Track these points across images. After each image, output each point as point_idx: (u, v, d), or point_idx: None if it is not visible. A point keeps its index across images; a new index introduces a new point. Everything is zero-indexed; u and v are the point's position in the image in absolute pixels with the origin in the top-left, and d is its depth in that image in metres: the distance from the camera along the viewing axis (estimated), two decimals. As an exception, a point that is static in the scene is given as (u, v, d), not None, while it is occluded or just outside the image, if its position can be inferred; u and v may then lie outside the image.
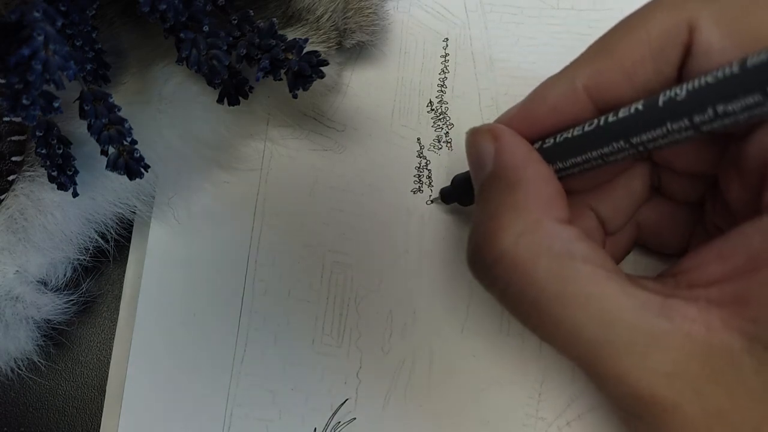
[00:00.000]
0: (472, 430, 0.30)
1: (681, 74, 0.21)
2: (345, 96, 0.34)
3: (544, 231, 0.20)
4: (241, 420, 0.30)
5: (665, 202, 0.27)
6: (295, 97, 0.28)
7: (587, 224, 0.26)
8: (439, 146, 0.33)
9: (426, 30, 0.35)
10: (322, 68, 0.27)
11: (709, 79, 0.18)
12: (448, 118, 0.34)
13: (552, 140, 0.23)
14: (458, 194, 0.30)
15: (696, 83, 0.18)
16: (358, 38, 0.32)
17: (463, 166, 0.28)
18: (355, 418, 0.31)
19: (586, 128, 0.22)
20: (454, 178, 0.30)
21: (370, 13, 0.32)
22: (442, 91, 0.34)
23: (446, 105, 0.34)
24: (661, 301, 0.19)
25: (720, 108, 0.17)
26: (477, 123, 0.33)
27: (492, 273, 0.21)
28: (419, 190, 0.33)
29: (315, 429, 0.31)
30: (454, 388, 0.31)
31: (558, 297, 0.19)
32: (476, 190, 0.24)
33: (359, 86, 0.34)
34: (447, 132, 0.33)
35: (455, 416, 0.30)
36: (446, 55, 0.34)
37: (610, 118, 0.21)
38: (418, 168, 0.33)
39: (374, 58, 0.34)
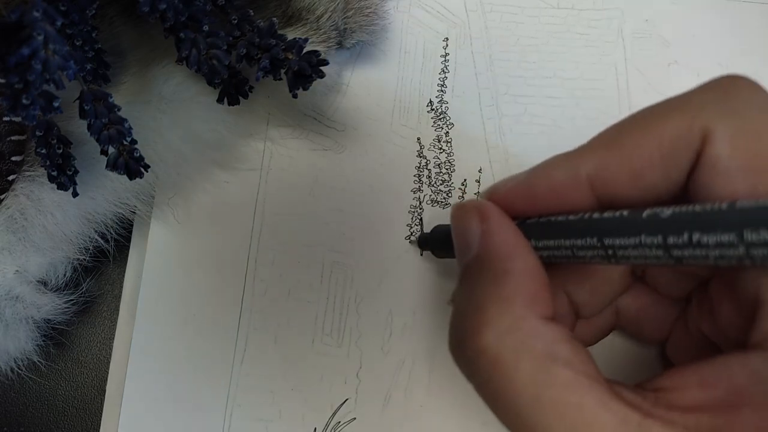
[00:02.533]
0: (472, 431, 0.30)
1: (689, 181, 0.20)
2: (345, 96, 0.34)
3: (527, 330, 0.19)
4: (241, 420, 0.30)
5: (648, 292, 0.27)
6: (295, 97, 0.28)
7: (559, 310, 0.25)
8: (440, 146, 0.33)
9: (426, 29, 0.35)
10: (322, 68, 0.27)
11: (697, 207, 0.18)
12: (448, 118, 0.34)
13: (536, 218, 0.23)
14: (435, 246, 0.30)
15: (684, 208, 0.18)
16: (358, 38, 0.32)
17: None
18: (355, 418, 0.31)
19: (571, 218, 0.21)
20: (434, 228, 0.30)
21: (370, 12, 0.32)
22: (442, 90, 0.34)
23: (446, 104, 0.34)
24: (639, 420, 0.18)
25: (695, 236, 0.17)
26: (477, 123, 0.34)
27: (473, 366, 0.20)
28: (419, 189, 0.33)
29: (315, 429, 0.30)
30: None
31: (535, 402, 0.19)
32: (460, 269, 0.23)
33: (359, 86, 0.34)
34: (447, 132, 0.33)
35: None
36: (446, 54, 0.34)
37: (595, 215, 0.20)
38: (418, 167, 0.33)
39: (374, 58, 0.34)
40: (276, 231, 0.32)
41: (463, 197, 0.33)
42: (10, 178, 0.28)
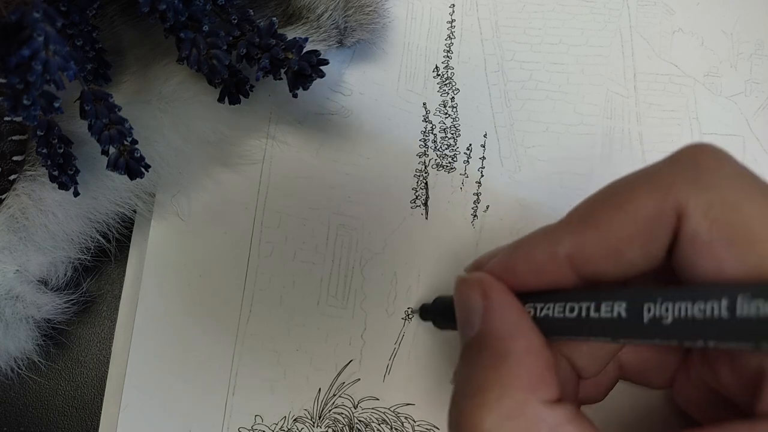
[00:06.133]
0: None
1: (671, 255, 0.20)
2: (351, 61, 0.34)
3: (529, 415, 0.19)
4: (247, 378, 0.31)
5: (649, 345, 0.26)
6: (295, 96, 0.28)
7: (560, 375, 0.24)
8: (445, 111, 0.33)
9: (433, -5, 0.35)
10: (322, 67, 0.27)
11: (696, 312, 0.17)
12: (453, 84, 0.34)
13: (532, 313, 0.22)
14: (436, 317, 0.29)
15: (682, 311, 0.18)
16: (359, 36, 0.32)
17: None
18: (359, 379, 0.31)
19: (567, 314, 0.21)
20: (436, 299, 0.29)
21: (370, 11, 0.32)
22: (448, 56, 0.34)
23: (452, 70, 0.34)
24: None
25: (711, 343, 0.17)
26: (483, 89, 0.34)
27: None
28: (425, 153, 0.33)
29: (319, 389, 0.31)
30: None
31: None
32: (462, 345, 0.22)
33: (365, 51, 0.34)
34: (453, 97, 0.34)
35: None
36: (452, 21, 0.35)
37: (592, 313, 0.20)
38: (424, 132, 0.33)
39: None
40: (282, 193, 0.32)
41: (467, 162, 0.33)
42: (12, 177, 0.28)
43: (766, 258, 0.17)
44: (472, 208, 0.33)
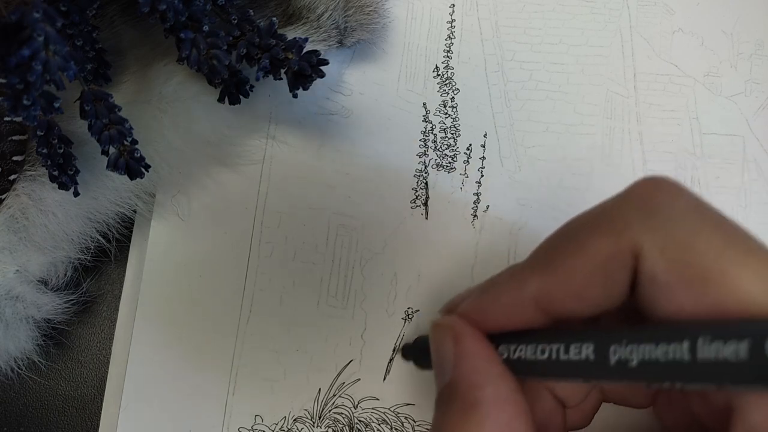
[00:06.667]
0: None
1: (634, 293, 0.20)
2: (351, 61, 0.34)
3: None
4: (247, 378, 0.31)
5: None
6: (295, 96, 0.28)
7: (545, 406, 0.24)
8: (445, 111, 0.34)
9: (433, -5, 0.35)
10: (322, 67, 0.27)
11: (660, 355, 0.17)
12: (453, 84, 0.34)
13: (506, 354, 0.22)
14: (417, 357, 0.29)
15: (646, 354, 0.18)
16: (359, 36, 0.32)
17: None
18: (359, 379, 0.31)
19: (539, 356, 0.21)
20: (416, 339, 0.29)
21: (370, 11, 0.32)
22: (448, 56, 0.34)
23: (452, 70, 0.34)
24: None
25: (678, 385, 0.17)
26: (483, 89, 0.34)
27: None
28: (425, 153, 0.33)
29: (319, 389, 0.31)
30: None
31: None
32: (437, 392, 0.22)
33: (365, 51, 0.34)
34: (453, 97, 0.34)
35: None
36: (452, 21, 0.35)
37: (562, 355, 0.20)
38: (424, 132, 0.33)
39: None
40: (282, 193, 0.33)
41: (467, 162, 0.33)
42: (12, 177, 0.28)
43: (721, 295, 0.17)
44: (472, 208, 0.33)
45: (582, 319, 0.21)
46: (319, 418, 0.31)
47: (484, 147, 0.33)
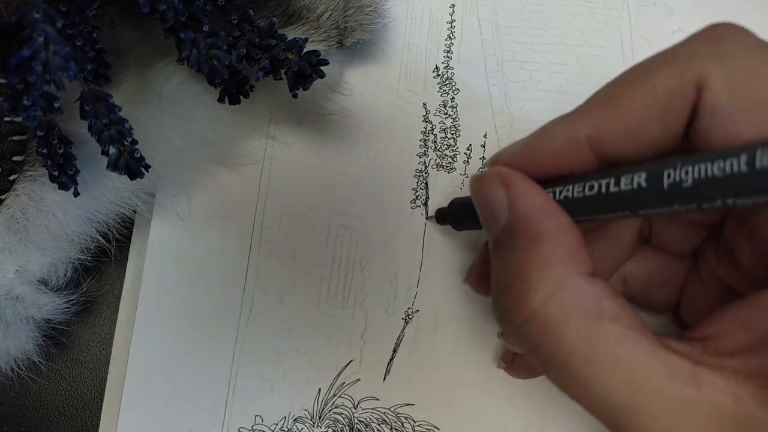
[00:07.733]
0: (476, 392, 0.31)
1: (688, 131, 0.20)
2: (351, 61, 0.34)
3: (572, 289, 0.19)
4: (247, 379, 0.31)
5: (654, 254, 0.26)
6: (295, 96, 0.28)
7: None
8: (445, 111, 0.34)
9: (433, -5, 0.35)
10: (322, 67, 0.27)
11: (716, 171, 0.17)
12: (453, 84, 0.34)
13: (552, 196, 0.22)
14: (454, 219, 0.30)
15: (702, 172, 0.18)
16: (359, 36, 0.32)
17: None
18: (359, 379, 0.31)
19: (587, 192, 0.21)
20: (452, 202, 0.30)
21: (370, 11, 0.32)
22: (448, 56, 0.34)
23: (452, 70, 0.34)
24: (690, 368, 0.18)
25: (730, 201, 0.17)
26: (483, 89, 0.34)
27: (522, 333, 0.20)
28: (425, 153, 0.33)
29: (319, 389, 0.31)
30: (459, 350, 0.31)
31: (587, 359, 0.19)
32: (491, 242, 0.22)
33: (365, 51, 0.34)
34: (453, 97, 0.34)
35: (459, 377, 0.31)
36: (452, 21, 0.35)
37: (612, 188, 0.20)
38: (424, 132, 0.33)
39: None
40: (282, 193, 0.33)
41: (467, 162, 0.33)
42: (12, 177, 0.28)
43: None
44: (472, 208, 0.33)
45: (631, 162, 0.21)
46: (319, 418, 0.31)
47: (484, 147, 0.33)
